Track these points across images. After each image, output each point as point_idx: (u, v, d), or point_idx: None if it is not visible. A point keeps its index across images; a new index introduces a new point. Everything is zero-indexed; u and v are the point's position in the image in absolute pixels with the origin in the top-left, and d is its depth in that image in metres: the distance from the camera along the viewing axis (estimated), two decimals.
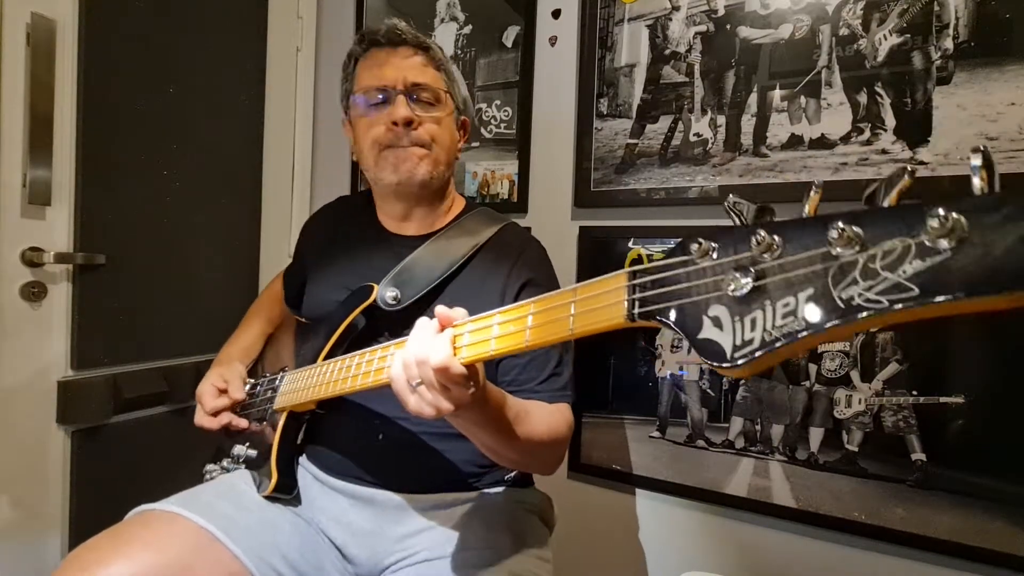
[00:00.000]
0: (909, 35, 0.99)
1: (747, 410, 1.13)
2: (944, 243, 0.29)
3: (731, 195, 0.40)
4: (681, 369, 1.19)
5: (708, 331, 0.38)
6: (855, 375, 1.03)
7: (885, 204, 0.33)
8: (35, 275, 1.14)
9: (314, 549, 0.82)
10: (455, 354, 0.55)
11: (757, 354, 0.35)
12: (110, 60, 1.23)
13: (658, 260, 0.43)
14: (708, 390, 1.16)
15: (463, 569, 0.75)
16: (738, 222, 0.39)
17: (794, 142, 1.09)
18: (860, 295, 0.32)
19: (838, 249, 0.33)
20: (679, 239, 0.42)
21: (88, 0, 1.18)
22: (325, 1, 1.73)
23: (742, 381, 1.13)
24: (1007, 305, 0.27)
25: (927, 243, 0.30)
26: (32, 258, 1.12)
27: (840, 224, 0.32)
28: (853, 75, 1.04)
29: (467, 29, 1.48)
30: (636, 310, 0.44)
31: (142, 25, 1.29)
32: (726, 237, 0.39)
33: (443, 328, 0.58)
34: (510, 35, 1.41)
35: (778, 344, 0.34)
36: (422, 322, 0.59)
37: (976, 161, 0.30)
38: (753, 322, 0.36)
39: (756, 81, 1.12)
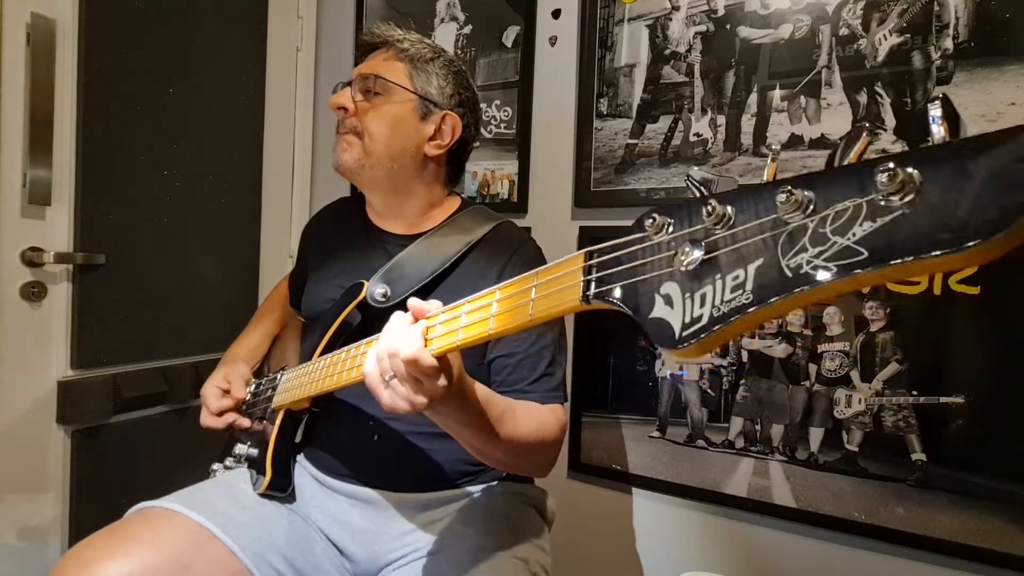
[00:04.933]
0: (909, 35, 0.99)
1: (747, 410, 1.13)
2: (896, 200, 0.27)
3: (695, 168, 0.38)
4: (681, 368, 1.19)
5: (659, 310, 0.36)
6: (855, 375, 1.03)
7: (845, 164, 0.30)
8: (35, 275, 1.14)
9: (312, 547, 0.82)
10: (426, 346, 0.55)
11: (703, 335, 0.33)
12: (110, 60, 1.23)
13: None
14: (708, 390, 1.16)
15: (463, 555, 0.75)
16: (696, 194, 0.37)
17: (794, 142, 1.09)
18: (808, 263, 0.29)
19: (788, 215, 0.30)
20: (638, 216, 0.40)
21: (88, 0, 1.18)
22: (325, 1, 1.73)
23: (742, 380, 1.13)
24: (963, 264, 0.25)
25: (879, 201, 0.27)
26: (32, 258, 1.12)
27: (788, 187, 0.30)
28: (853, 75, 1.04)
29: (467, 29, 1.48)
30: (591, 291, 0.42)
31: (142, 25, 1.29)
32: (681, 211, 0.37)
33: (416, 320, 0.57)
34: (510, 35, 1.41)
35: (726, 321, 0.32)
36: (396, 316, 0.58)
37: (935, 111, 0.27)
38: (703, 298, 0.33)
39: (756, 81, 1.12)
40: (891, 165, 0.27)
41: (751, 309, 0.31)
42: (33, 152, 1.11)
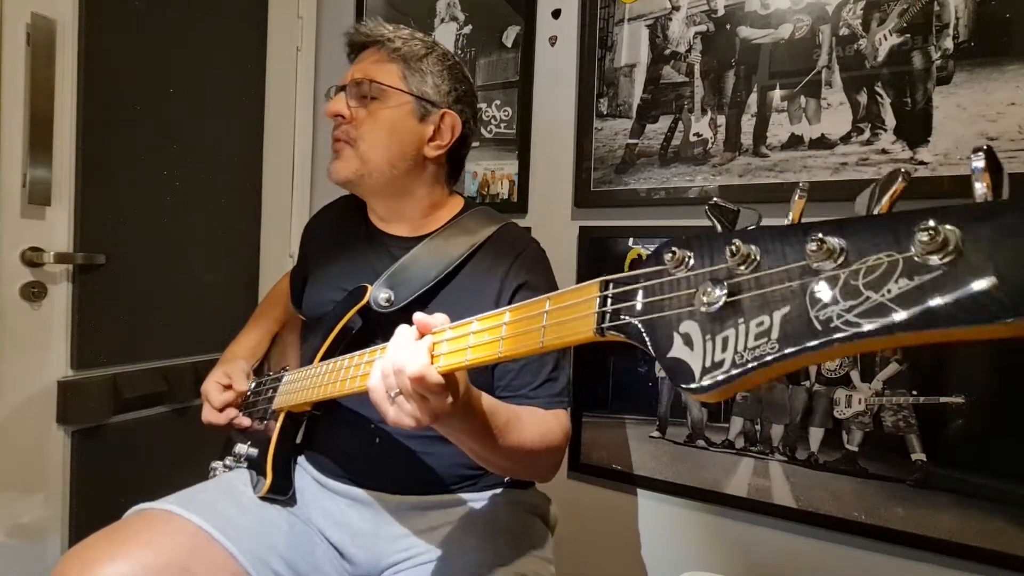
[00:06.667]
0: (909, 35, 0.99)
1: (747, 410, 1.13)
2: (935, 259, 0.25)
3: (715, 198, 0.36)
4: None
5: (678, 350, 0.35)
6: (855, 375, 1.03)
7: (876, 211, 0.29)
8: (35, 275, 1.14)
9: (312, 549, 0.82)
10: (433, 363, 0.53)
11: (722, 378, 0.32)
12: (110, 60, 1.23)
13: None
14: None
15: (463, 570, 0.75)
16: (719, 227, 0.36)
17: (794, 142, 1.09)
18: (839, 316, 0.28)
19: (818, 263, 0.29)
20: (655, 247, 0.38)
21: (88, 0, 1.18)
22: (325, 1, 1.73)
23: None
24: (1007, 334, 0.23)
25: (916, 259, 0.26)
26: (32, 258, 1.12)
27: (820, 235, 0.29)
28: (853, 75, 1.04)
29: (467, 29, 1.48)
30: (605, 324, 0.40)
31: (142, 25, 1.29)
32: (702, 245, 0.36)
33: (422, 335, 0.56)
34: (510, 35, 1.41)
35: (748, 368, 0.31)
36: (401, 330, 0.57)
37: (978, 163, 0.26)
38: (725, 342, 0.32)
39: (756, 81, 1.12)
40: (931, 223, 0.25)
41: (777, 360, 0.30)
42: (33, 152, 1.11)
